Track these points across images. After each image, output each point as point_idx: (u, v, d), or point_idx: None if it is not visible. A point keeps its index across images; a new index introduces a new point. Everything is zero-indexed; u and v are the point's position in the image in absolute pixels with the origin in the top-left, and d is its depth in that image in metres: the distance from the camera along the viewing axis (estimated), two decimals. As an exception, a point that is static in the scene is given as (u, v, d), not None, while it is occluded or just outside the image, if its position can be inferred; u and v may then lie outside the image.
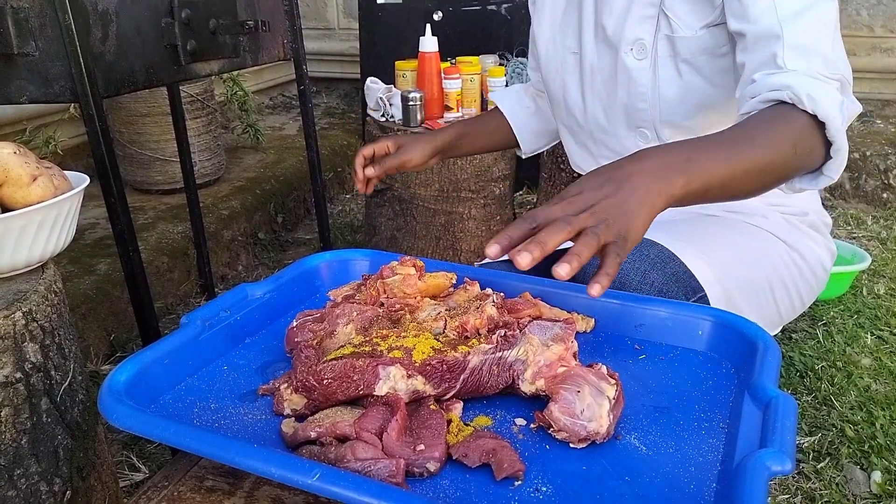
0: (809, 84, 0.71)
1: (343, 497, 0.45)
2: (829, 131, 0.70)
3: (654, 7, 0.89)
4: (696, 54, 0.88)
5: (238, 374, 0.67)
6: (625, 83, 0.94)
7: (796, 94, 0.70)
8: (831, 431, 1.28)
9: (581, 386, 0.57)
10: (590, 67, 0.99)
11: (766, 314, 0.94)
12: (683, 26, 0.88)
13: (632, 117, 0.96)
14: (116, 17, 1.01)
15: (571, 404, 0.56)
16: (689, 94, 0.91)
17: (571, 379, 0.58)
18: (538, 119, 1.19)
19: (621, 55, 0.93)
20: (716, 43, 0.87)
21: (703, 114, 0.92)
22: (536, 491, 0.51)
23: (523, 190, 2.67)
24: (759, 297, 0.92)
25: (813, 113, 0.69)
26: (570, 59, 1.02)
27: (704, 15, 0.86)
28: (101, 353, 1.57)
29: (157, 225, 2.01)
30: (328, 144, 2.91)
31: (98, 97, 0.96)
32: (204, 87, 2.24)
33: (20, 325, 0.64)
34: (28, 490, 0.66)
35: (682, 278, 0.85)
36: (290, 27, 1.46)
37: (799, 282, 0.97)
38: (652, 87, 0.92)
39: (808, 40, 0.75)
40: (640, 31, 0.91)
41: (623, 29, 0.92)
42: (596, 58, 0.98)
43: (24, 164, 0.69)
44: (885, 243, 2.18)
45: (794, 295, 0.97)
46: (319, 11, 3.70)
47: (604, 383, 0.57)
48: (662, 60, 0.91)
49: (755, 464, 0.47)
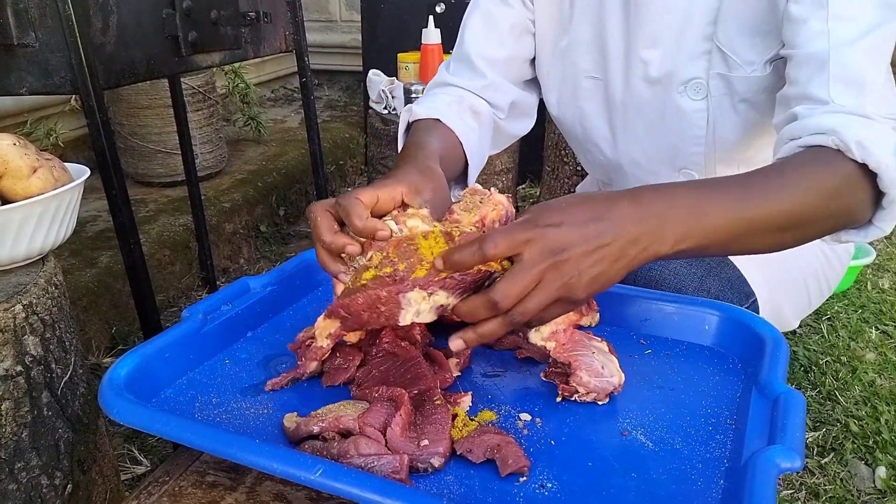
0: (859, 126, 0.61)
1: (346, 493, 0.45)
2: (883, 182, 0.61)
3: (709, 41, 0.79)
4: (757, 93, 0.78)
5: (240, 368, 0.66)
6: (676, 125, 0.85)
7: (843, 140, 0.60)
8: (836, 426, 1.27)
9: (590, 348, 0.60)
10: (621, 101, 0.88)
11: (799, 306, 0.92)
12: (743, 62, 0.78)
13: (680, 159, 0.87)
14: (117, 7, 1.00)
15: (592, 366, 0.59)
16: (749, 131, 0.83)
17: (579, 345, 0.61)
18: (480, 144, 0.90)
19: (673, 95, 0.83)
20: (780, 81, 0.74)
21: (764, 149, 0.84)
22: (542, 487, 0.50)
23: (526, 183, 2.66)
24: (797, 292, 0.90)
25: (863, 162, 0.60)
26: (586, 85, 0.90)
27: (767, 47, 0.75)
28: (102, 345, 1.57)
29: (158, 217, 2.00)
30: (330, 137, 2.90)
31: (98, 89, 0.95)
32: (205, 79, 2.23)
33: (20, 318, 0.64)
34: (29, 483, 0.65)
35: (735, 284, 0.81)
36: (291, 19, 1.45)
37: (828, 270, 0.94)
38: (707, 130, 0.83)
39: (861, 72, 0.65)
40: (695, 69, 0.80)
41: (674, 66, 0.81)
42: (630, 93, 0.86)
43: (24, 155, 0.68)
44: (889, 238, 2.16)
45: (824, 283, 0.95)
46: (321, 3, 3.68)
47: (596, 342, 0.62)
48: (717, 100, 0.81)
49: (764, 461, 0.47)
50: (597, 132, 0.93)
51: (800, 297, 0.92)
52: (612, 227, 0.52)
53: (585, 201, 0.54)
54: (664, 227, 0.54)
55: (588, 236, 0.52)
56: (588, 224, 0.52)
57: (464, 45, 0.93)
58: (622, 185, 1.01)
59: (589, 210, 0.53)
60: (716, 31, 0.78)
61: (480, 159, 0.90)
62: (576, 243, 0.51)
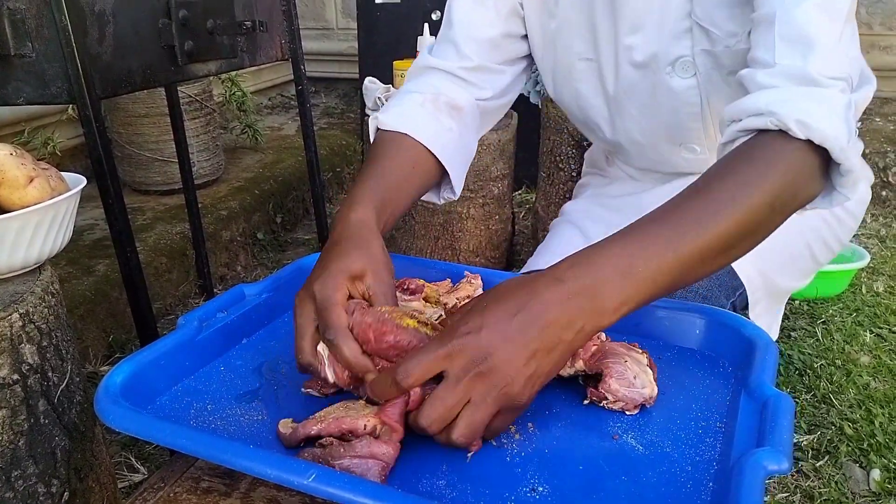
0: (799, 98, 0.58)
1: (339, 498, 0.45)
2: (835, 153, 0.58)
3: (688, 19, 0.77)
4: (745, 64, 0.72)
5: (235, 375, 0.67)
6: (669, 104, 0.83)
7: (782, 120, 0.57)
8: (830, 429, 1.28)
9: (623, 357, 0.60)
10: (613, 85, 0.87)
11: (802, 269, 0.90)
12: (725, 35, 0.75)
13: (678, 136, 0.87)
14: (113, 17, 1.00)
15: (624, 375, 0.59)
16: None
17: (611, 353, 0.61)
18: (462, 145, 0.85)
19: (662, 76, 0.82)
20: None
21: None
22: (533, 491, 0.51)
23: (522, 189, 2.67)
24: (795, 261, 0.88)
25: (807, 139, 0.57)
26: (580, 66, 0.89)
27: (747, 18, 0.71)
28: (99, 353, 1.57)
29: (155, 226, 2.00)
30: (327, 144, 2.91)
31: (95, 98, 0.96)
32: (202, 88, 2.24)
33: (17, 327, 0.64)
34: (26, 491, 0.66)
35: (723, 279, 0.80)
36: (287, 27, 1.46)
37: (837, 228, 0.91)
38: (701, 106, 0.82)
39: (808, 31, 0.61)
40: (680, 48, 0.79)
41: (658, 47, 0.80)
42: (620, 77, 0.86)
43: (21, 165, 0.69)
44: (883, 241, 2.17)
45: (833, 241, 0.92)
46: (318, 11, 3.70)
47: (634, 353, 0.61)
48: (706, 76, 0.79)
49: (752, 463, 0.47)
50: (595, 112, 0.92)
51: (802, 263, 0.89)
52: (536, 317, 0.49)
53: (503, 297, 0.51)
54: (596, 301, 0.50)
55: (511, 335, 0.48)
56: (510, 321, 0.49)
57: (452, 27, 0.89)
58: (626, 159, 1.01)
59: (508, 306, 0.50)
60: (693, 7, 0.77)
61: (464, 158, 0.86)
62: (499, 346, 0.48)
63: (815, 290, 1.75)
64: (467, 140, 0.88)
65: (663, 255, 0.52)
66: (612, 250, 0.52)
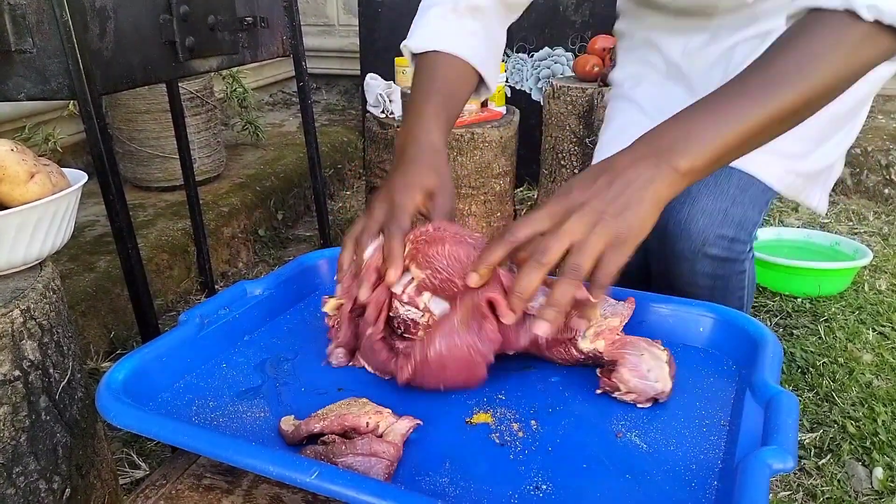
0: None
1: (342, 496, 0.45)
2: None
3: None
4: None
5: (237, 372, 0.67)
6: None
7: (851, 4, 0.56)
8: (833, 428, 1.27)
9: (642, 350, 0.60)
10: None
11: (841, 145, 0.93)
12: None
13: None
14: (114, 13, 1.00)
15: (638, 366, 0.60)
16: None
17: (630, 345, 0.61)
18: (490, 42, 0.88)
19: None
20: None
21: None
22: (537, 489, 0.51)
23: (524, 186, 2.67)
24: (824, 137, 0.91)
25: (876, 21, 0.56)
26: None
27: None
28: (101, 350, 1.57)
29: (156, 222, 2.00)
30: (328, 141, 2.90)
31: (96, 94, 0.96)
32: (203, 84, 2.23)
33: (18, 323, 0.64)
34: (27, 488, 0.66)
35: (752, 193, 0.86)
36: (289, 23, 1.46)
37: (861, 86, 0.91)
38: None
39: None
40: None
41: None
42: None
43: (22, 161, 0.69)
44: (886, 239, 2.17)
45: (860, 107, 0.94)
46: (319, 7, 3.69)
47: (655, 349, 0.62)
48: None
49: (757, 461, 0.47)
50: None
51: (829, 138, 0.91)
52: (619, 169, 0.55)
53: (584, 172, 0.57)
54: (666, 157, 0.55)
55: (599, 188, 0.54)
56: (596, 178, 0.55)
57: None
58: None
59: (591, 171, 0.56)
60: None
61: (494, 54, 0.90)
62: (591, 196, 0.54)
63: (818, 289, 1.75)
64: (495, 35, 0.90)
65: (728, 122, 0.56)
66: (677, 119, 0.58)
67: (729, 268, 0.90)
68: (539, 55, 2.57)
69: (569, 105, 2.01)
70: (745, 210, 0.87)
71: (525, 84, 2.61)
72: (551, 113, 2.08)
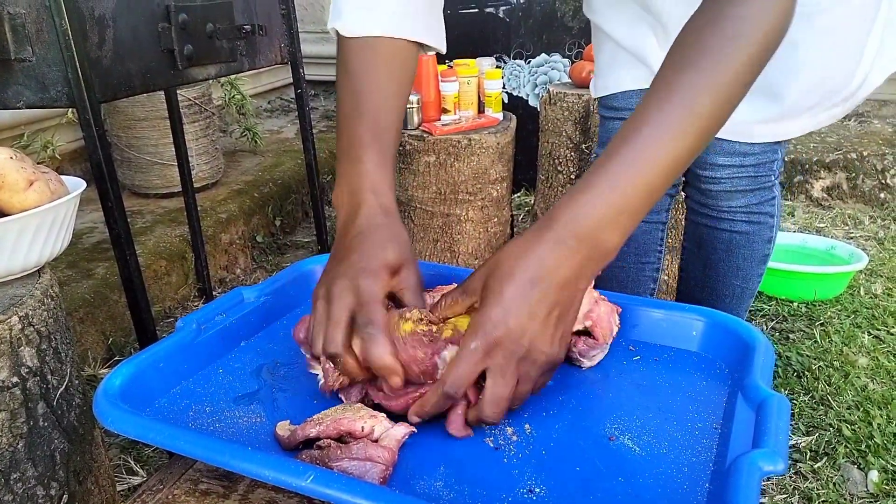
0: None
1: (337, 499, 0.45)
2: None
3: None
4: None
5: (233, 378, 0.67)
6: None
7: None
8: (828, 431, 1.28)
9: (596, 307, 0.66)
10: None
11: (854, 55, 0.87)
12: None
13: None
14: (113, 22, 1.01)
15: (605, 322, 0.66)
16: None
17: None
18: (435, 7, 0.77)
19: None
20: None
21: None
22: (530, 492, 0.51)
23: (521, 192, 2.68)
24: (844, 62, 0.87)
25: None
26: None
27: None
28: (98, 356, 1.57)
29: (154, 229, 2.01)
30: (326, 147, 2.91)
31: (95, 102, 0.96)
32: (202, 91, 2.24)
33: (16, 330, 0.65)
34: (24, 494, 0.66)
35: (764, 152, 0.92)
36: (287, 31, 1.47)
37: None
38: None
39: None
40: None
41: None
42: None
43: (21, 168, 0.69)
44: (882, 243, 2.18)
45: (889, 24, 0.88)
46: (317, 15, 3.70)
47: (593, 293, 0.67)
48: None
49: (747, 464, 0.48)
50: None
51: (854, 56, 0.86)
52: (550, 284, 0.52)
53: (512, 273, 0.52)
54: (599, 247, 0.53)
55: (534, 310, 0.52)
56: (528, 298, 0.52)
57: None
58: None
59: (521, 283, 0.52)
60: None
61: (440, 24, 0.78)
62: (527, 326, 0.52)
63: (814, 293, 1.76)
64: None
65: (653, 173, 0.51)
66: (601, 189, 0.52)
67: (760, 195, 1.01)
68: (536, 62, 2.58)
69: (565, 111, 2.02)
70: None
71: (522, 90, 2.63)
72: (548, 119, 2.09)
